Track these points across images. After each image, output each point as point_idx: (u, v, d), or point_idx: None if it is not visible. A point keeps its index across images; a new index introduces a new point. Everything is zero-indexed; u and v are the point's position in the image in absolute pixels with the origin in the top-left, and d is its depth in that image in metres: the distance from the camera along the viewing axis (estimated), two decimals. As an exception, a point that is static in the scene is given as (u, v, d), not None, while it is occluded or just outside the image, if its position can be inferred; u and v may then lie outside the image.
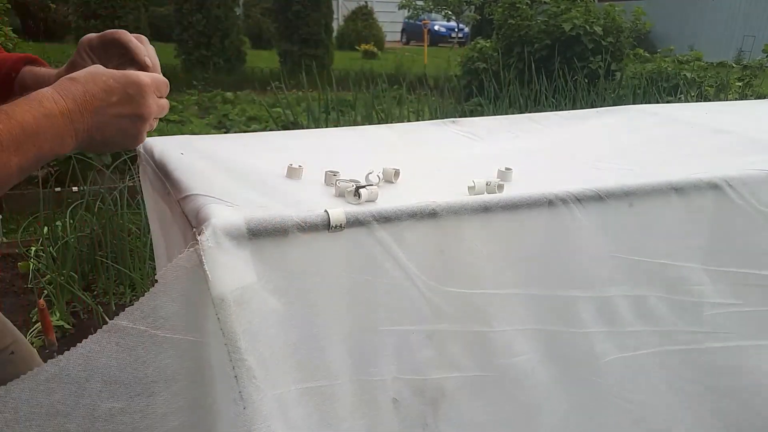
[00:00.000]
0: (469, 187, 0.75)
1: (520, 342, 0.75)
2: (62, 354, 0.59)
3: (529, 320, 0.75)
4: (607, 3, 6.47)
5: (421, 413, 0.73)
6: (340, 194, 0.72)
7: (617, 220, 0.78)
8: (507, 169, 0.84)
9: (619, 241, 0.78)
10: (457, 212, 0.70)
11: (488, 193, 0.74)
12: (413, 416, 0.73)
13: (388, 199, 0.72)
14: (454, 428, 0.75)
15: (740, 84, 6.10)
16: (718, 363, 0.86)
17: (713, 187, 0.82)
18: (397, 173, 0.81)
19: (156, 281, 0.60)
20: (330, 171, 0.78)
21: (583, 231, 0.76)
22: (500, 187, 0.76)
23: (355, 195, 0.70)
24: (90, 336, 0.59)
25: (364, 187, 0.70)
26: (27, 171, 0.66)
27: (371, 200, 0.71)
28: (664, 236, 0.81)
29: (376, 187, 0.72)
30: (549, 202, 0.74)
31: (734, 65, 6.98)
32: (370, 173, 0.78)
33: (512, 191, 0.74)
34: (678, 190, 0.80)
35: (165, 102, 0.76)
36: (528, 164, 0.90)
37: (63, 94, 0.68)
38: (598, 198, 0.76)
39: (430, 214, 0.69)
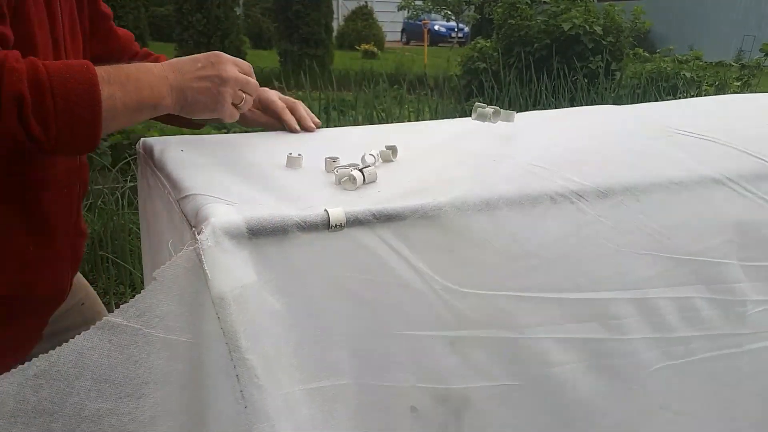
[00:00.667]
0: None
1: (557, 350, 0.72)
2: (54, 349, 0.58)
3: (567, 327, 0.72)
4: (607, 3, 6.46)
5: (443, 423, 0.71)
6: (339, 181, 0.71)
7: (632, 216, 0.76)
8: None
9: (645, 236, 0.76)
10: (460, 208, 0.69)
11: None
12: (434, 425, 0.71)
13: (389, 180, 0.71)
14: None
15: (738, 84, 6.10)
16: (758, 365, 0.83)
17: (717, 182, 0.81)
18: (395, 151, 0.81)
19: (154, 278, 0.60)
20: (329, 157, 0.78)
21: (601, 226, 0.74)
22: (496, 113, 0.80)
23: (351, 182, 0.69)
24: (83, 332, 0.58)
25: (361, 169, 0.70)
26: (132, 112, 0.77)
27: (371, 181, 0.70)
28: (696, 232, 0.78)
29: (374, 168, 0.72)
30: (551, 199, 0.73)
31: (733, 64, 6.98)
32: (366, 154, 0.76)
33: (516, 185, 0.73)
34: (680, 183, 0.79)
35: (248, 97, 0.87)
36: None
37: (158, 62, 0.88)
38: (605, 194, 0.75)
39: (434, 211, 0.68)
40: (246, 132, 1.00)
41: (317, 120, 1.03)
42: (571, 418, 0.75)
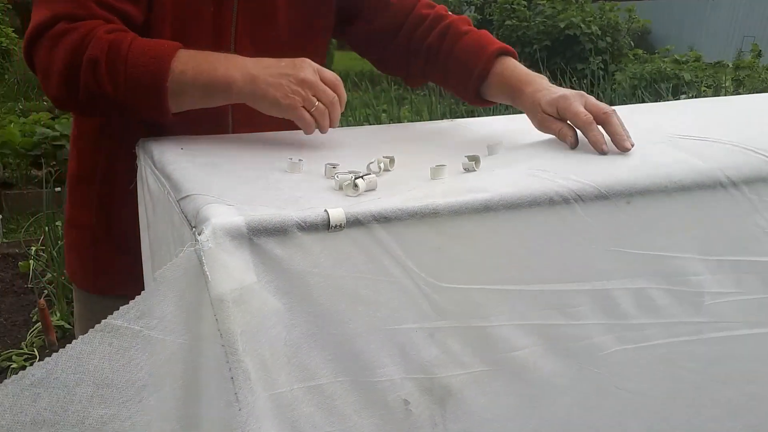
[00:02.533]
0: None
1: (519, 336, 0.75)
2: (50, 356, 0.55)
3: (528, 315, 0.75)
4: (605, 2, 6.47)
5: (431, 413, 0.73)
6: (340, 187, 0.72)
7: (615, 216, 0.78)
8: (499, 142, 0.87)
9: (617, 236, 0.78)
10: (457, 211, 0.70)
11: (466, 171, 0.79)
12: (424, 417, 0.72)
13: (387, 189, 0.72)
14: (462, 426, 0.74)
15: (733, 84, 6.12)
16: (718, 352, 0.87)
17: (709, 179, 0.82)
18: (392, 161, 0.82)
19: (155, 279, 0.60)
20: (329, 163, 0.78)
21: (582, 226, 0.76)
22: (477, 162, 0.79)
23: (354, 187, 0.70)
24: (80, 336, 0.56)
25: (362, 177, 0.71)
26: (202, 88, 0.84)
27: (371, 189, 0.71)
28: (662, 230, 0.80)
29: (374, 176, 0.72)
30: (550, 200, 0.74)
31: (730, 65, 6.98)
32: (371, 162, 0.79)
33: (511, 189, 0.74)
34: (676, 184, 0.80)
35: (321, 105, 0.86)
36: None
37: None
38: (601, 195, 0.76)
39: (431, 214, 0.69)
40: (246, 133, 1.00)
41: (632, 140, 0.84)
42: (534, 397, 0.78)
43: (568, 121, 0.88)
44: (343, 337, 0.67)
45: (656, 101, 4.61)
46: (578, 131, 0.87)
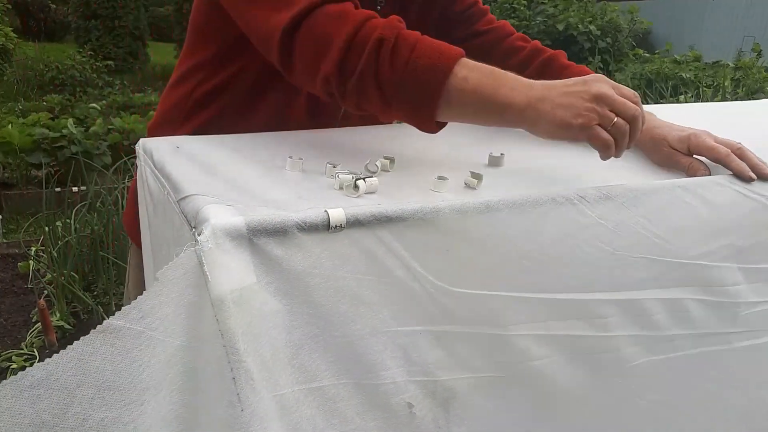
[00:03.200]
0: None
1: (539, 345, 0.73)
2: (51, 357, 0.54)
3: (550, 324, 0.73)
4: (606, 2, 6.46)
5: (435, 416, 0.72)
6: (341, 187, 0.72)
7: (633, 219, 0.77)
8: (501, 154, 0.86)
9: (642, 241, 0.77)
10: (459, 211, 0.69)
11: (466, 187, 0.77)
12: (428, 420, 0.72)
13: (387, 190, 0.72)
14: (465, 429, 0.73)
15: (732, 84, 6.11)
16: (748, 362, 0.86)
17: (718, 184, 0.82)
18: (393, 161, 0.81)
19: (156, 280, 0.60)
20: (330, 163, 0.78)
21: (598, 230, 0.75)
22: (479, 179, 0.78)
23: (354, 188, 0.70)
24: (82, 337, 0.55)
25: (362, 178, 0.71)
26: (480, 102, 0.77)
27: (371, 191, 0.71)
28: (694, 236, 0.79)
29: (375, 178, 0.72)
30: (552, 200, 0.73)
31: (730, 64, 6.98)
32: (368, 162, 0.78)
33: (514, 190, 0.74)
34: (683, 187, 0.80)
35: (621, 121, 0.74)
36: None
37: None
38: (607, 197, 0.75)
39: (433, 214, 0.68)
40: (245, 132, 1.00)
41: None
42: (551, 407, 0.77)
43: (697, 156, 0.91)
44: (345, 338, 0.67)
45: (658, 102, 4.61)
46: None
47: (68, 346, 0.55)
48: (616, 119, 0.74)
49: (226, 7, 0.94)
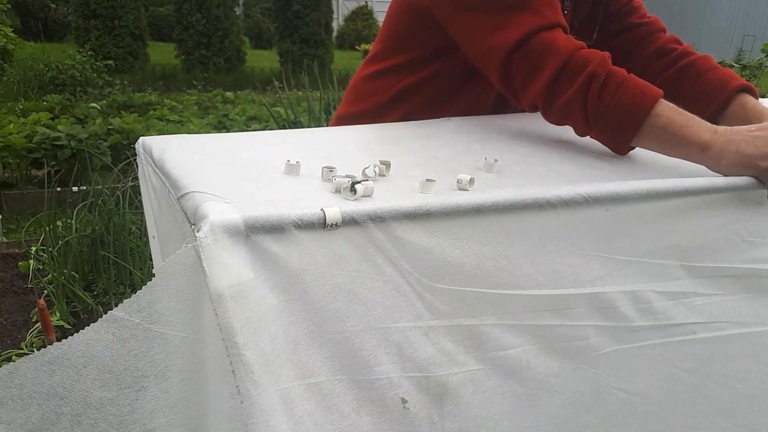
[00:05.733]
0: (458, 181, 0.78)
1: (510, 334, 0.76)
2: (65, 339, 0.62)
3: (521, 315, 0.76)
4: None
5: (429, 412, 0.73)
6: (337, 190, 0.73)
7: (599, 222, 0.79)
8: (495, 160, 0.88)
9: (604, 241, 0.80)
10: (449, 213, 0.71)
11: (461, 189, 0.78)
12: (422, 415, 0.73)
13: (383, 194, 0.73)
14: (459, 425, 0.75)
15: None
16: (713, 352, 0.88)
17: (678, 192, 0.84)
18: (388, 166, 0.83)
19: (154, 275, 0.61)
20: (327, 167, 0.79)
21: (570, 232, 0.77)
22: (471, 182, 0.79)
23: (351, 191, 0.71)
24: (91, 324, 0.61)
25: (359, 182, 0.72)
26: (670, 137, 0.90)
27: (367, 195, 0.72)
28: (644, 237, 0.83)
29: (371, 182, 0.73)
30: (539, 206, 0.75)
31: (734, 65, 6.98)
32: (366, 167, 0.79)
33: (502, 191, 0.75)
34: (646, 195, 0.82)
35: None
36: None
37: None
38: (585, 202, 0.77)
39: (424, 215, 0.70)
40: (245, 132, 1.01)
41: None
42: (529, 396, 0.79)
43: None
44: (341, 334, 0.68)
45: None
46: None
47: (80, 331, 0.61)
48: None
49: (440, 20, 1.07)
